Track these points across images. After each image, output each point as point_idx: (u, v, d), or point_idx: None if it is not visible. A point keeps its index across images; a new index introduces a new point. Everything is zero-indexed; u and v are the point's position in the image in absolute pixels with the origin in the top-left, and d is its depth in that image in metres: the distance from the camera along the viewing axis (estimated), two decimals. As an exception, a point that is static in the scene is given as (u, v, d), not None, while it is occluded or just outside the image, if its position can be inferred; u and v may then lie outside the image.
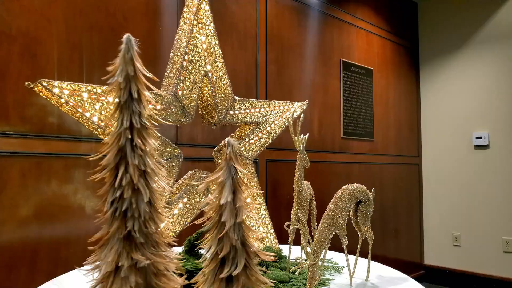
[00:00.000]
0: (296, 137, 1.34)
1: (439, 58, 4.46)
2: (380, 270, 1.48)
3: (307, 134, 1.42)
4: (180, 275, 1.01)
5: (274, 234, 1.61)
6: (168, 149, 1.36)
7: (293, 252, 1.58)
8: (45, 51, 1.88)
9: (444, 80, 4.43)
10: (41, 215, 1.84)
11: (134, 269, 0.89)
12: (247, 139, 1.56)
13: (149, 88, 0.93)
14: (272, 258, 0.88)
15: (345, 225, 1.29)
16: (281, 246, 1.63)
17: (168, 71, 1.44)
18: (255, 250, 0.85)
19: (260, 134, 1.60)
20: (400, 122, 4.29)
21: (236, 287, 0.82)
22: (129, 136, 0.90)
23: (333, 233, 1.28)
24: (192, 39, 1.41)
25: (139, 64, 0.91)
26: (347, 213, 1.30)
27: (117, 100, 0.88)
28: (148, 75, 0.92)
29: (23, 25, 1.82)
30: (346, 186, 1.34)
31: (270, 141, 1.63)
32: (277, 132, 1.64)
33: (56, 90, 1.16)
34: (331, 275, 1.40)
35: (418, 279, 4.35)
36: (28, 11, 1.85)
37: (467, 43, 4.25)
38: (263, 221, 1.58)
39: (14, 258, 1.76)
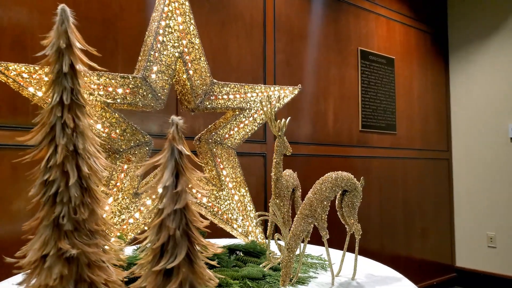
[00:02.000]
0: (271, 122, 1.22)
1: (470, 44, 4.15)
2: (372, 268, 1.33)
3: (289, 118, 1.30)
4: (123, 268, 0.93)
5: (260, 228, 1.50)
6: (138, 135, 1.28)
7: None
8: (37, 43, 1.87)
9: (475, 68, 4.11)
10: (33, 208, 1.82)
11: (62, 259, 0.81)
12: (228, 126, 1.46)
13: (92, 69, 0.86)
14: (220, 250, 0.78)
15: (325, 216, 1.16)
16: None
17: (141, 54, 1.36)
18: (202, 241, 0.75)
19: (245, 121, 1.50)
20: (427, 114, 4.03)
21: (174, 282, 0.72)
22: (59, 114, 0.82)
23: (312, 225, 1.16)
24: (165, 19, 1.33)
25: (73, 37, 0.84)
26: (328, 204, 1.17)
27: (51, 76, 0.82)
28: (82, 47, 0.85)
29: (14, 16, 1.82)
30: (328, 173, 1.21)
31: (256, 128, 1.52)
32: (264, 118, 1.53)
33: (13, 74, 1.12)
34: (315, 273, 1.27)
35: (449, 282, 4.06)
36: (19, 3, 1.84)
37: (500, 28, 3.92)
38: (248, 214, 1.47)
39: (3, 253, 1.75)
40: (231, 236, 1.52)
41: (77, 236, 0.81)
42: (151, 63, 1.29)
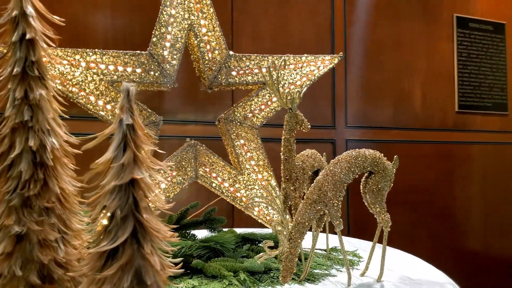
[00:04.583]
0: (277, 92, 1.04)
1: None
2: (411, 268, 1.06)
3: (305, 88, 1.10)
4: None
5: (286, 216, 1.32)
6: (145, 115, 1.22)
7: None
8: (90, 36, 1.96)
9: None
10: None
11: (12, 237, 0.78)
12: (249, 103, 1.31)
13: (53, 46, 0.84)
14: (171, 234, 0.68)
15: (339, 203, 0.95)
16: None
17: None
18: (150, 222, 0.66)
19: (270, 98, 1.33)
20: (553, 89, 3.25)
21: (114, 267, 0.63)
22: (9, 86, 0.80)
23: (322, 213, 0.96)
24: (174, -11, 1.24)
25: (28, 4, 0.81)
26: (344, 188, 0.96)
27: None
28: (31, 12, 0.81)
29: (70, 12, 1.93)
30: (348, 151, 0.99)
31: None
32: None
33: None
34: (339, 270, 1.06)
35: None
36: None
37: None
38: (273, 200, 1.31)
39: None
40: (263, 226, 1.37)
41: (27, 213, 0.77)
42: (159, 38, 1.22)
